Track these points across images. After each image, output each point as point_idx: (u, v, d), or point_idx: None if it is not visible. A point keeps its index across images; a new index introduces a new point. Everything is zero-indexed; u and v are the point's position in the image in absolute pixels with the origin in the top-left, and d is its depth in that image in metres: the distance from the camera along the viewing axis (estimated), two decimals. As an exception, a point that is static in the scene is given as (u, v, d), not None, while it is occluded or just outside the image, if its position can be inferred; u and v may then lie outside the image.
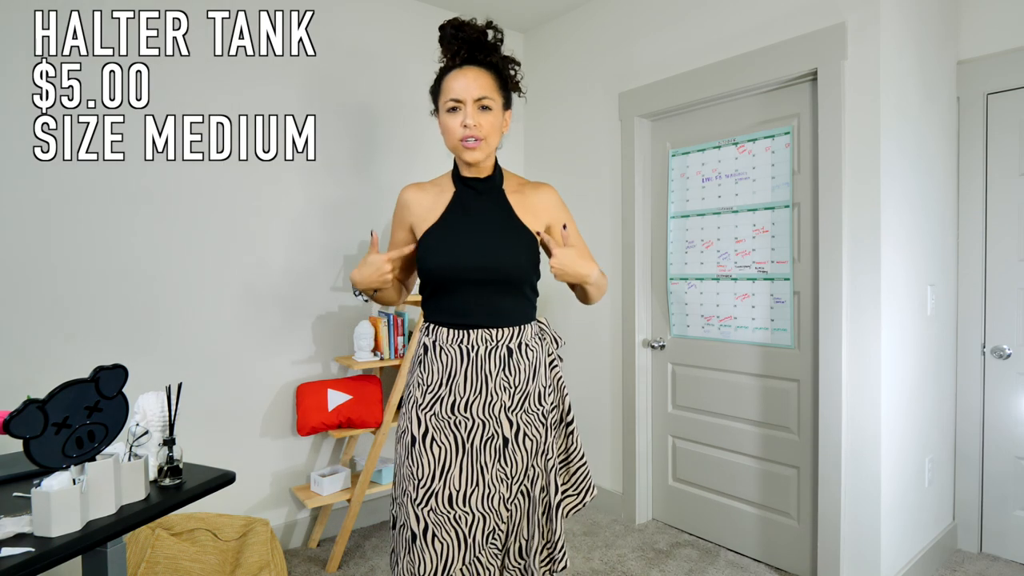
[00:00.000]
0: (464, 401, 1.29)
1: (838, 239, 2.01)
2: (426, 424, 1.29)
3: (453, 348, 1.30)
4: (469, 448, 1.29)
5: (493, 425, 1.30)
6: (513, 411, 1.31)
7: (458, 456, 1.28)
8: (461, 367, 1.30)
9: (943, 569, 2.29)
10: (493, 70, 1.30)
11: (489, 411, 1.30)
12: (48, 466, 1.07)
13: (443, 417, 1.29)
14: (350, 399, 2.38)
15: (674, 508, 2.68)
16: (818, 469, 2.11)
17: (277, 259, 2.46)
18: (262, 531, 2.11)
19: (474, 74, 1.27)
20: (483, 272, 1.28)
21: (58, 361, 1.97)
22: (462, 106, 1.27)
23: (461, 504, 1.27)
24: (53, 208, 1.97)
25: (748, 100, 2.33)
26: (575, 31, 2.97)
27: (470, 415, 1.29)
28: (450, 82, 1.28)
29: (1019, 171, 2.27)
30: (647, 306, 2.74)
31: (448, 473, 1.27)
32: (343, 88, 2.62)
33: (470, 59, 1.30)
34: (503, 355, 1.31)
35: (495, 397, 1.30)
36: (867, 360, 1.97)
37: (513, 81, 1.36)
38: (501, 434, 1.30)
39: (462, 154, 1.30)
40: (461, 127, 1.27)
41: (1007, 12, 2.23)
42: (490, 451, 1.30)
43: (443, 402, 1.30)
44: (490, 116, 1.28)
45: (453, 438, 1.29)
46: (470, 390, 1.30)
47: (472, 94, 1.26)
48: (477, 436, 1.29)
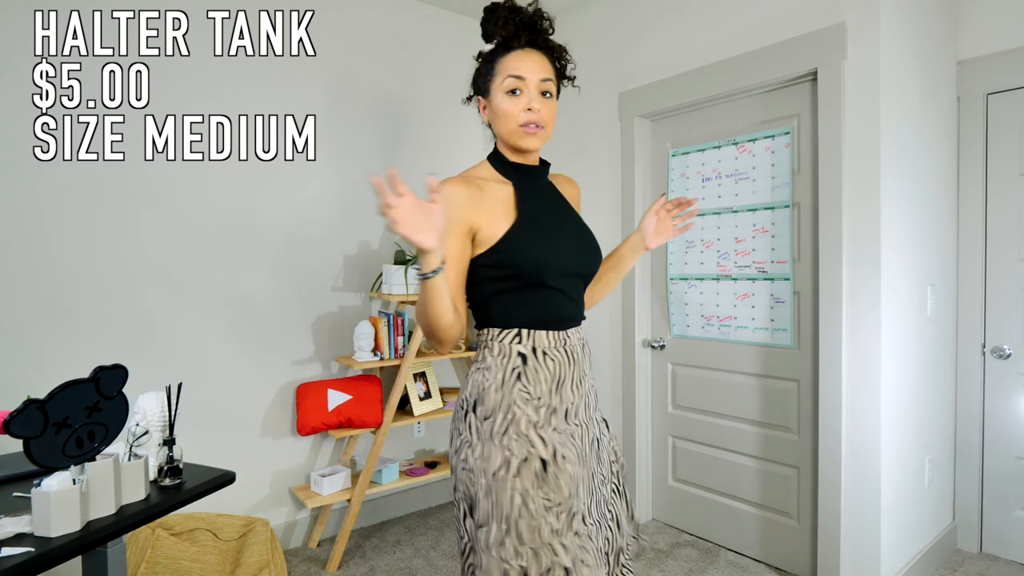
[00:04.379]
0: (574, 408, 1.19)
1: (838, 239, 2.01)
2: (552, 442, 1.13)
3: (559, 352, 1.19)
4: (585, 457, 1.18)
5: (593, 428, 1.23)
6: (596, 410, 1.28)
7: (580, 468, 1.16)
8: (569, 371, 1.20)
9: (943, 569, 2.29)
10: (551, 56, 1.22)
11: (587, 414, 1.23)
12: (48, 466, 1.07)
13: (561, 430, 1.16)
14: (350, 399, 2.38)
15: (674, 508, 2.68)
16: (818, 469, 2.11)
17: (277, 259, 2.46)
18: (262, 531, 2.11)
19: (538, 56, 1.19)
20: (580, 266, 1.22)
21: (58, 361, 1.97)
22: (525, 88, 1.16)
23: (588, 521, 1.14)
24: (53, 208, 1.97)
25: (748, 100, 2.33)
26: (575, 31, 2.97)
27: (579, 421, 1.20)
28: (512, 61, 1.18)
29: (1019, 171, 2.27)
30: (647, 306, 2.74)
31: (579, 488, 1.14)
32: (343, 88, 2.62)
33: (530, 41, 1.20)
34: (587, 352, 1.27)
35: (588, 398, 1.24)
36: (867, 360, 1.97)
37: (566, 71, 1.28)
38: (596, 435, 1.24)
39: (521, 140, 1.19)
40: (524, 111, 1.16)
41: (1007, 12, 2.23)
42: (593, 455, 1.22)
43: (556, 413, 1.16)
44: (550, 103, 1.20)
45: (575, 450, 1.16)
46: (574, 395, 1.20)
47: (539, 75, 1.17)
48: (585, 443, 1.19)
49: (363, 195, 2.68)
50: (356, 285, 2.69)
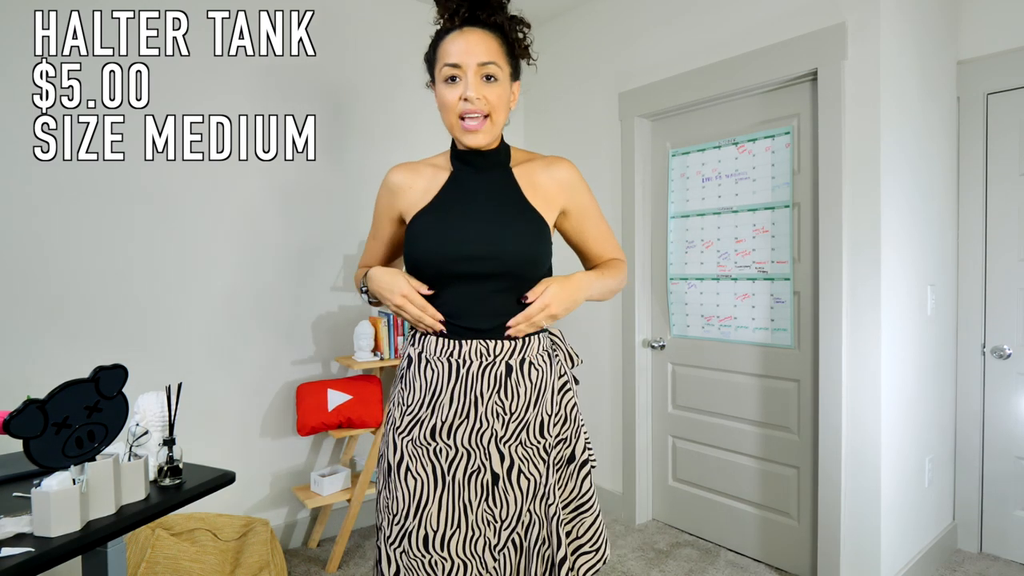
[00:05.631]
0: (448, 426, 1.08)
1: (838, 239, 2.01)
2: (402, 451, 1.09)
3: (441, 361, 1.10)
4: (450, 481, 1.08)
5: (480, 457, 1.08)
6: (506, 442, 1.09)
7: (436, 491, 1.07)
8: (448, 385, 1.09)
9: (943, 569, 2.29)
10: (499, 32, 1.09)
11: (477, 440, 1.08)
12: (48, 466, 1.07)
13: (420, 444, 1.09)
14: (350, 399, 2.38)
15: (674, 508, 2.68)
16: (818, 469, 2.11)
17: (277, 259, 2.46)
18: (262, 531, 2.11)
19: (477, 36, 1.06)
20: (479, 264, 1.07)
21: (58, 361, 1.97)
22: (462, 75, 1.06)
23: (438, 548, 1.06)
24: (53, 208, 1.97)
25: (748, 100, 2.33)
26: (575, 31, 2.97)
27: (453, 443, 1.08)
28: (447, 45, 1.07)
29: (1019, 171, 2.27)
30: (647, 306, 2.74)
31: (425, 510, 1.07)
32: (344, 87, 2.62)
33: (471, 19, 1.08)
34: (500, 373, 1.09)
35: (485, 424, 1.08)
36: (867, 360, 1.97)
37: (522, 46, 1.14)
38: (490, 468, 1.08)
39: (462, 137, 1.09)
40: (460, 100, 1.06)
41: (1007, 12, 2.23)
42: (475, 487, 1.08)
43: (423, 426, 1.09)
44: (496, 88, 1.07)
45: (432, 468, 1.08)
46: (455, 413, 1.08)
47: (475, 58, 1.05)
48: (460, 468, 1.08)
49: (364, 195, 2.68)
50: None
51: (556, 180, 1.17)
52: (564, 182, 1.18)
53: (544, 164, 1.18)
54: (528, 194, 1.15)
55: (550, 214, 1.17)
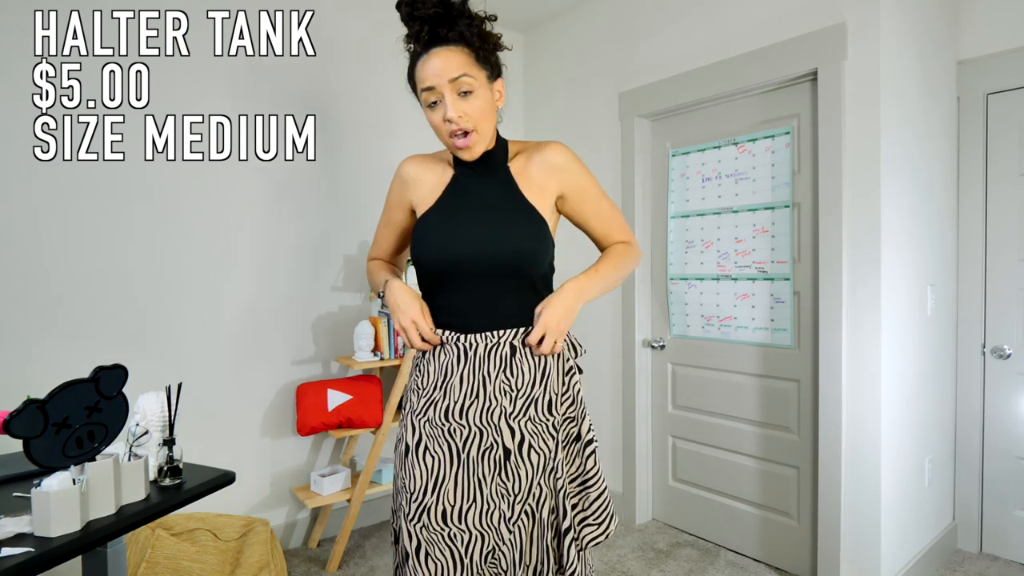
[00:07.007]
0: (459, 406, 1.15)
1: (838, 239, 2.01)
2: (420, 431, 1.16)
3: (450, 346, 1.17)
4: (465, 459, 1.14)
5: (492, 434, 1.14)
6: (515, 418, 1.15)
7: (453, 468, 1.14)
8: (457, 367, 1.16)
9: (943, 569, 2.29)
10: (463, 42, 1.10)
11: (487, 417, 1.14)
12: (48, 466, 1.07)
13: (436, 424, 1.15)
14: (350, 399, 2.38)
15: (674, 508, 2.68)
16: (818, 469, 2.11)
17: (277, 259, 2.46)
18: (262, 531, 2.11)
19: (443, 55, 1.08)
20: (481, 264, 1.13)
21: (58, 361, 1.97)
22: (439, 96, 1.10)
23: (456, 521, 1.13)
24: (53, 208, 1.97)
25: (748, 100, 2.33)
26: (575, 31, 2.97)
27: (465, 422, 1.15)
28: (420, 71, 1.11)
29: (1019, 171, 2.27)
30: (647, 306, 2.74)
31: (442, 487, 1.13)
32: (344, 87, 2.62)
33: (432, 39, 1.10)
34: (504, 353, 1.15)
35: (494, 402, 1.15)
36: (867, 360, 1.97)
37: (491, 44, 1.14)
38: (502, 444, 1.14)
39: (458, 153, 1.16)
40: (445, 122, 1.11)
41: (1007, 12, 2.23)
42: (489, 463, 1.14)
43: (437, 407, 1.16)
44: (474, 100, 1.10)
45: (448, 447, 1.15)
46: (465, 394, 1.15)
47: (446, 76, 1.08)
48: (473, 446, 1.15)
49: (364, 195, 2.68)
50: (356, 285, 2.69)
51: (548, 164, 1.20)
52: (556, 165, 1.20)
53: (535, 151, 1.22)
54: (524, 189, 1.19)
55: (547, 203, 1.21)
